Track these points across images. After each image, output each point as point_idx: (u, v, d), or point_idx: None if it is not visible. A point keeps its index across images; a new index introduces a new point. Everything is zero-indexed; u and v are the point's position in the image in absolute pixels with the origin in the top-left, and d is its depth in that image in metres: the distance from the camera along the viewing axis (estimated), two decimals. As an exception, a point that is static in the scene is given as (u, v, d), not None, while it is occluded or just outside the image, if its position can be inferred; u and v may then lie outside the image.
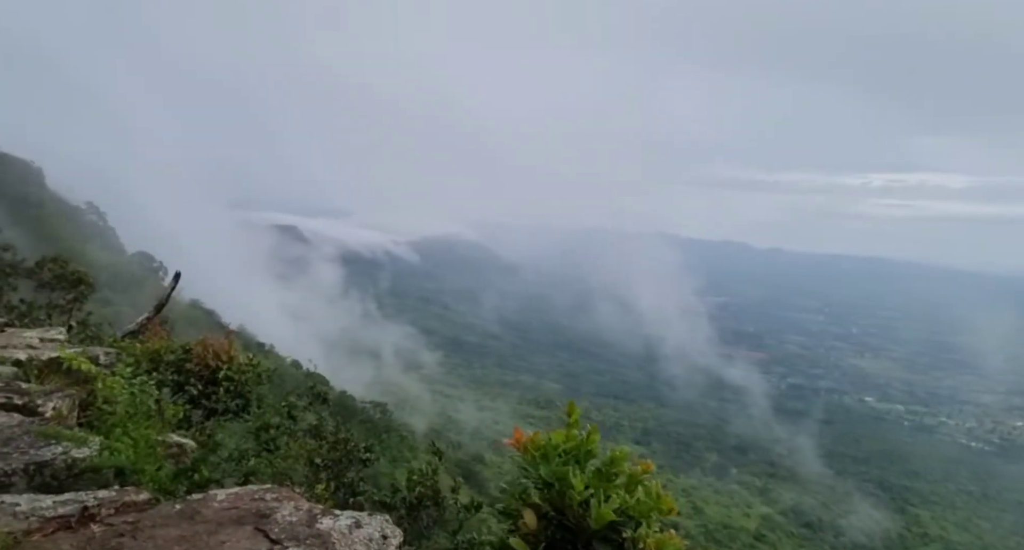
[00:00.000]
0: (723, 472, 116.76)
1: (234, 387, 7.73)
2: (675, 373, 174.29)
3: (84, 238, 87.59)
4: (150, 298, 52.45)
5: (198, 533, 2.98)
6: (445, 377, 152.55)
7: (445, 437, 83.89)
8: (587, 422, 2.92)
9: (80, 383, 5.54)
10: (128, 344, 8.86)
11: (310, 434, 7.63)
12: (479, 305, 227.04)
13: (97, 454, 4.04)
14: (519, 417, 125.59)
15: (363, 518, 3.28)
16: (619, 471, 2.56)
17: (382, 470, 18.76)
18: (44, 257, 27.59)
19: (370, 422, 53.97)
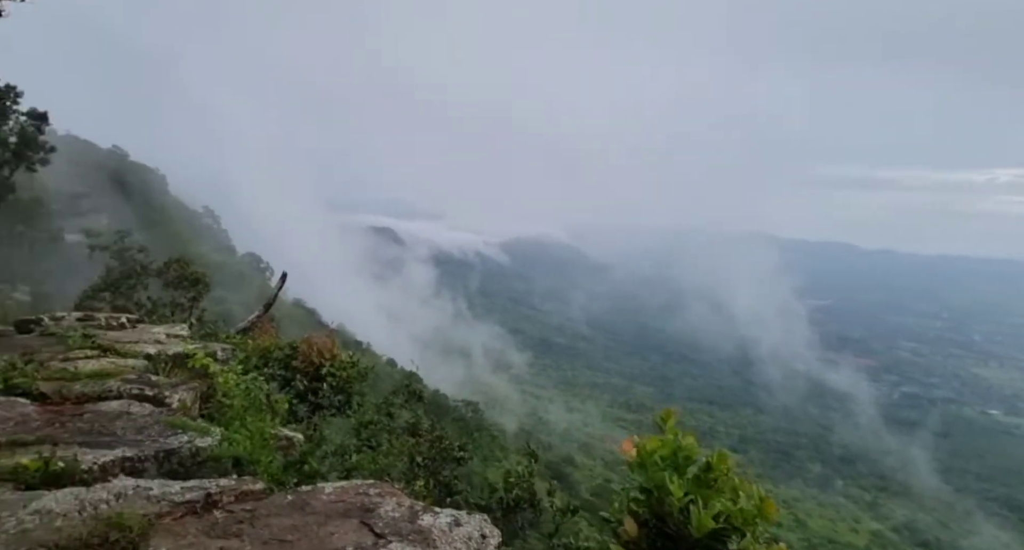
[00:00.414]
0: (828, 484, 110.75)
1: (336, 384, 8.08)
2: (773, 378, 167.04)
3: (201, 240, 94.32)
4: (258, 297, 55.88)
5: (308, 524, 3.13)
6: (534, 378, 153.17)
7: (535, 438, 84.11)
8: (681, 428, 2.85)
9: (201, 377, 5.96)
10: (241, 341, 9.45)
11: (407, 431, 7.86)
12: (569, 306, 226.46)
13: (218, 444, 4.32)
14: (609, 420, 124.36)
15: (462, 517, 3.34)
16: (718, 477, 2.48)
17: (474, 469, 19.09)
18: (170, 258, 29.85)
19: (462, 420, 54.96)
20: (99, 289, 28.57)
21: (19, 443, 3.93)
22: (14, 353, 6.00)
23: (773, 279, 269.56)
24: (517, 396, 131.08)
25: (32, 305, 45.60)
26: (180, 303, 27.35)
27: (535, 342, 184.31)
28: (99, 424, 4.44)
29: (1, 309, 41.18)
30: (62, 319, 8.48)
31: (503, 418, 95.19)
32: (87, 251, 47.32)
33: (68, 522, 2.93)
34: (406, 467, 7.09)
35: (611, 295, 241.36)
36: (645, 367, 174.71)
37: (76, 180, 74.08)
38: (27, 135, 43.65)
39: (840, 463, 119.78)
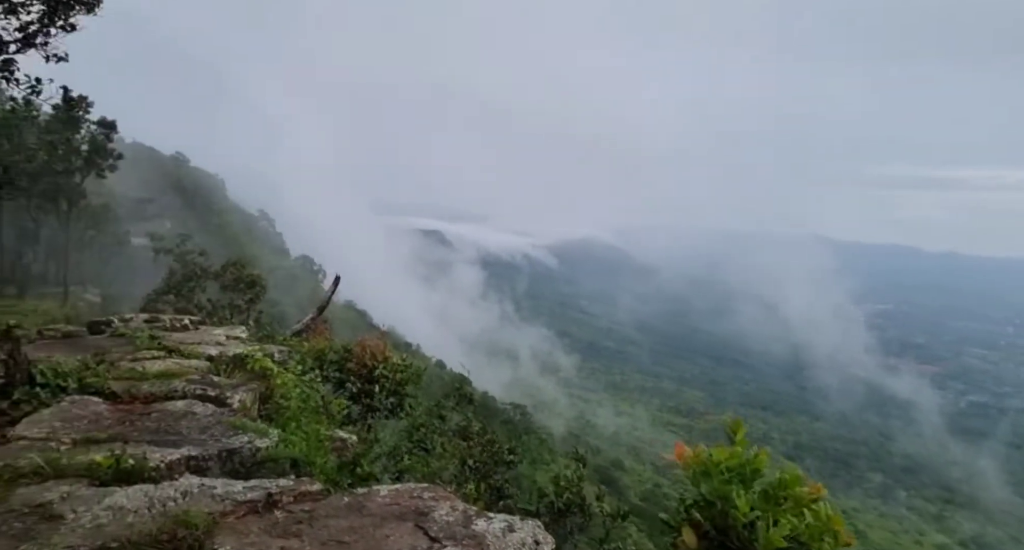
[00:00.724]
0: (889, 494, 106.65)
1: (389, 386, 8.20)
2: (829, 384, 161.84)
3: (257, 243, 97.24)
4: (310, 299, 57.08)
5: (365, 526, 3.18)
6: (582, 381, 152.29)
7: (583, 442, 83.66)
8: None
9: (260, 378, 6.14)
10: (296, 342, 9.69)
11: (458, 434, 7.92)
12: (617, 308, 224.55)
13: (276, 445, 4.44)
14: (659, 425, 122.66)
15: (516, 522, 3.34)
16: (789, 495, 2.41)
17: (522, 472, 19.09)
18: (227, 262, 30.85)
19: (510, 423, 55.09)
20: (162, 291, 29.71)
21: (93, 440, 4.12)
22: (87, 353, 6.30)
23: (828, 282, 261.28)
24: (565, 399, 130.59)
25: (102, 306, 47.83)
26: (238, 305, 28.25)
27: (583, 345, 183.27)
28: (165, 423, 4.62)
29: (74, 310, 43.28)
30: (130, 321, 8.86)
31: (551, 421, 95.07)
32: (151, 254, 49.39)
33: (139, 518, 3.05)
34: (457, 470, 7.15)
35: (660, 298, 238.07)
36: (695, 371, 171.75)
37: (141, 186, 77.35)
38: (97, 143, 45.85)
39: (902, 473, 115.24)
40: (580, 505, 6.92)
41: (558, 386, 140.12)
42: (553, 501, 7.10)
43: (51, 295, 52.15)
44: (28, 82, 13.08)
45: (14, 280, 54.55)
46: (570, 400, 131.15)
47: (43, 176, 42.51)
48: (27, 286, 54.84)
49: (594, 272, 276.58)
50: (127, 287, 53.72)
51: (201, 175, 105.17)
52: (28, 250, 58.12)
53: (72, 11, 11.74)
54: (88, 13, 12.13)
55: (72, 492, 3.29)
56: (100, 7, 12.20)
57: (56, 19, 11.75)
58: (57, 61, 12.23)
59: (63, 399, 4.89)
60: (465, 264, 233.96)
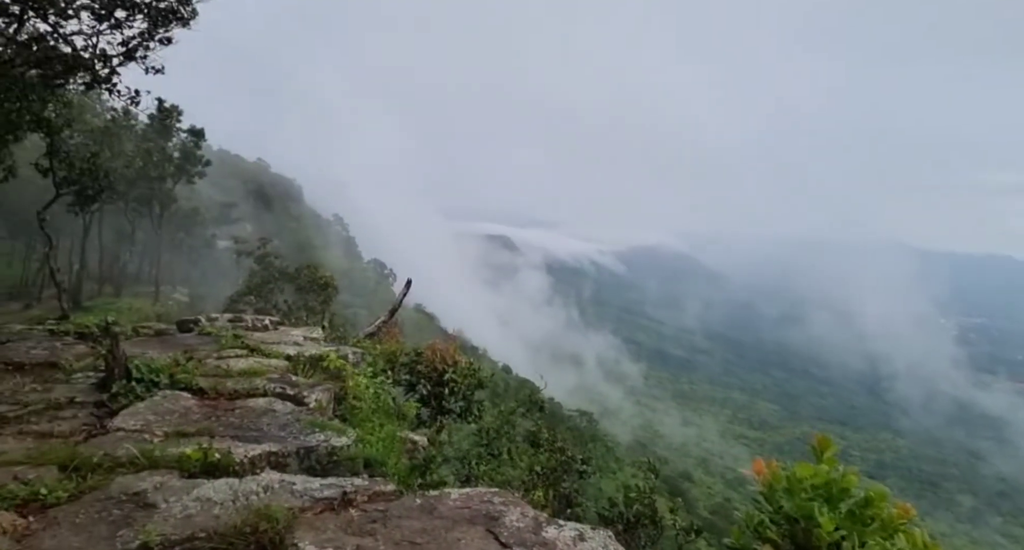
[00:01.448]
0: (982, 519, 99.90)
1: (458, 390, 8.29)
2: (913, 399, 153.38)
3: (331, 246, 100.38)
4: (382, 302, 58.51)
5: (436, 528, 3.22)
6: (649, 389, 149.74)
7: (650, 451, 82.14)
8: (807, 449, 2.67)
9: (335, 378, 6.32)
10: (369, 345, 9.93)
11: (527, 441, 7.91)
12: (685, 316, 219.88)
13: (351, 445, 4.55)
14: (729, 437, 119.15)
15: (587, 531, 3.30)
16: (876, 515, 2.28)
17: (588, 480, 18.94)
18: (301, 264, 32.01)
19: (577, 430, 54.64)
20: (244, 293, 31.01)
21: (182, 434, 4.34)
22: (177, 351, 6.66)
23: (911, 291, 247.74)
24: (631, 407, 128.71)
25: (189, 305, 50.48)
26: (312, 306, 29.22)
27: (650, 353, 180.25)
28: (248, 419, 4.81)
29: (164, 309, 45.88)
30: (216, 320, 9.30)
31: (616, 429, 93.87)
32: (234, 256, 51.76)
33: (224, 510, 3.20)
34: (526, 476, 7.15)
35: (730, 305, 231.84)
36: (768, 382, 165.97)
37: (226, 191, 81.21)
38: (188, 150, 48.52)
39: (997, 497, 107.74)
40: (651, 517, 6.77)
41: (624, 393, 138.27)
42: (623, 511, 6.98)
43: (144, 294, 55.48)
44: (128, 94, 13.96)
45: (112, 279, 58.34)
46: (636, 408, 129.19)
47: (139, 182, 45.29)
48: (123, 285, 58.53)
49: (662, 279, 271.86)
50: (212, 287, 56.53)
51: (280, 180, 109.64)
52: (125, 251, 62.01)
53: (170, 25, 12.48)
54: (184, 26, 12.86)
55: (164, 482, 3.48)
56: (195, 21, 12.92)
57: (155, 33, 12.51)
58: (155, 73, 13.00)
59: (156, 394, 5.18)
60: (531, 269, 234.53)
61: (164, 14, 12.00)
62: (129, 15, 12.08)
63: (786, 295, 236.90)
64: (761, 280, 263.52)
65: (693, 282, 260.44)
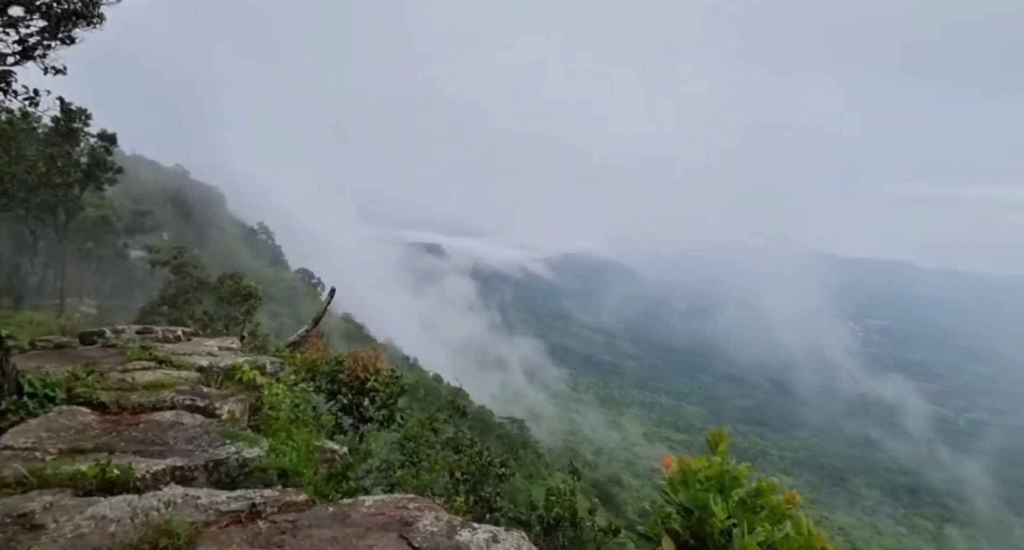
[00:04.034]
0: (887, 512, 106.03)
1: (380, 398, 8.18)
2: (828, 401, 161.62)
3: (256, 256, 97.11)
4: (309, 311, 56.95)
5: (348, 536, 3.17)
6: (579, 394, 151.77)
7: (580, 457, 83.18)
8: (732, 452, 2.80)
9: (250, 389, 6.12)
10: (290, 354, 9.67)
11: (449, 447, 7.89)
12: (614, 322, 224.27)
13: (264, 456, 4.42)
14: (657, 440, 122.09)
15: (500, 533, 3.33)
16: (765, 503, 2.41)
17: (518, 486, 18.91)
18: (223, 274, 30.83)
19: (507, 437, 54.76)
20: (158, 303, 29.65)
21: (79, 450, 4.11)
22: (78, 364, 6.29)
23: (822, 295, 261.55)
24: (561, 413, 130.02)
25: (98, 318, 47.64)
26: (234, 317, 28.19)
27: (579, 358, 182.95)
28: (152, 434, 4.60)
29: (70, 322, 43.14)
30: (122, 332, 8.85)
31: (548, 436, 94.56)
32: (149, 267, 49.27)
33: (121, 528, 3.04)
34: (448, 482, 7.11)
35: (660, 314, 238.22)
36: (694, 386, 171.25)
37: (140, 198, 77.38)
38: (97, 156, 45.88)
39: (901, 491, 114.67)
40: (571, 519, 6.86)
41: (552, 399, 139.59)
42: (543, 514, 7.05)
43: (47, 306, 51.91)
44: (25, 93, 13.10)
45: (10, 291, 54.39)
46: (566, 414, 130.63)
47: (42, 188, 42.44)
48: (23, 297, 54.66)
49: (590, 285, 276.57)
50: (125, 299, 53.63)
51: (200, 187, 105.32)
52: (25, 262, 57.97)
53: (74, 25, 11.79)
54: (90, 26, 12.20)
55: (55, 502, 3.28)
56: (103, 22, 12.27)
57: (57, 32, 11.80)
58: (55, 74, 12.24)
59: (51, 409, 4.88)
60: (461, 277, 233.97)
61: (67, 15, 11.36)
62: (28, 13, 11.38)
63: (719, 306, 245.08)
64: (693, 290, 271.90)
65: (621, 288, 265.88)
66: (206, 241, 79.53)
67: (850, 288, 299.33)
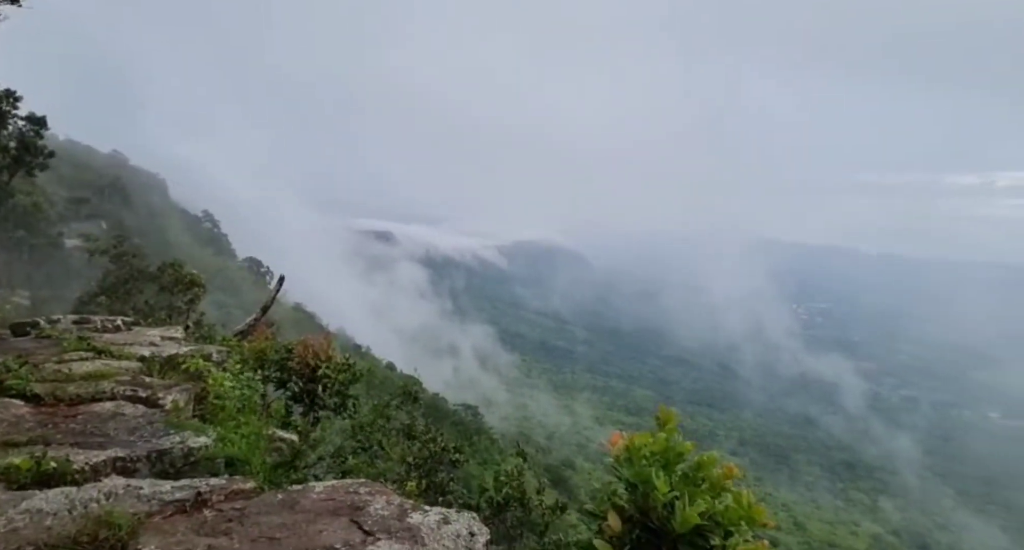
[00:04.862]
0: (827, 487, 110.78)
1: (332, 385, 8.09)
2: (771, 381, 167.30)
3: (201, 244, 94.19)
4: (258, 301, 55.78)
5: (297, 522, 3.15)
6: (532, 380, 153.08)
7: (534, 442, 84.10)
8: (681, 431, 2.88)
9: (195, 379, 5.98)
10: (237, 343, 9.47)
11: (403, 434, 7.87)
12: (566, 308, 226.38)
13: (211, 445, 4.34)
14: (609, 423, 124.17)
15: (451, 515, 3.37)
16: (706, 476, 2.51)
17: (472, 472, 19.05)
18: (164, 262, 29.85)
19: (461, 424, 54.91)
20: (96, 293, 28.55)
21: (11, 444, 3.95)
22: (10, 356, 6.02)
23: (769, 282, 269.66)
24: (514, 399, 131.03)
25: (31, 309, 45.57)
26: (177, 306, 27.35)
27: (532, 344, 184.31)
28: (92, 425, 4.46)
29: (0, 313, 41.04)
30: (58, 322, 8.50)
31: (501, 422, 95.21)
32: (86, 256, 47.31)
33: (58, 521, 2.95)
34: (400, 468, 7.12)
35: (612, 300, 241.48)
36: (644, 370, 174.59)
37: (76, 185, 74.09)
38: (26, 140, 43.57)
39: (840, 467, 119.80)
40: (519, 499, 6.96)
41: (504, 385, 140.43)
42: (492, 496, 7.13)
43: (-25, 298, 49.42)
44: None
45: (-66, 282, 51.52)
46: (518, 399, 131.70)
47: (-35, 173, 40.20)
48: (-52, 289, 51.85)
49: (543, 272, 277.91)
50: (60, 290, 51.36)
51: (140, 174, 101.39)
52: (-50, 251, 54.94)
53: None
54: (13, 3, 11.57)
55: (-13, 496, 3.16)
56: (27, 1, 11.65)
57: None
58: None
59: (-20, 402, 4.67)
60: (413, 265, 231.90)
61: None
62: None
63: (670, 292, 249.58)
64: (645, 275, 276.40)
65: (572, 274, 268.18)
66: (148, 229, 76.70)
67: (794, 272, 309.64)
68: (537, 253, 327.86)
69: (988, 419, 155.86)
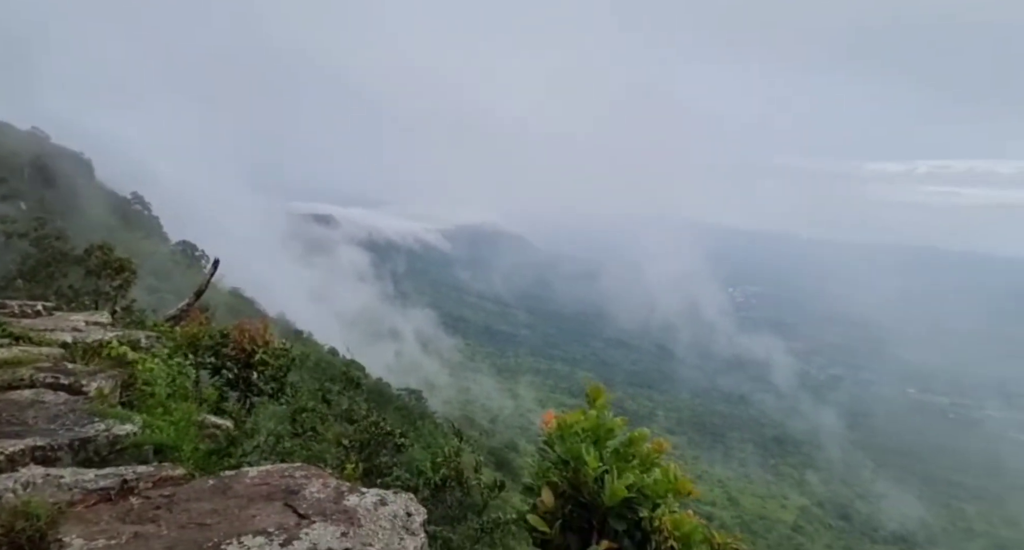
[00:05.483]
0: (759, 462, 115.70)
1: (269, 371, 7.93)
2: (709, 362, 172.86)
3: (131, 227, 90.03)
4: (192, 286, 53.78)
5: (230, 507, 3.09)
6: (475, 364, 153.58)
7: (477, 425, 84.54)
8: (621, 411, 2.96)
9: (122, 364, 5.75)
10: (168, 328, 9.14)
11: (343, 418, 7.79)
12: (508, 293, 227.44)
13: (138, 432, 4.20)
14: (553, 406, 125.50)
15: (388, 496, 3.37)
16: (636, 452, 2.59)
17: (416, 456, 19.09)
18: (91, 245, 28.47)
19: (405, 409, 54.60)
20: (14, 277, 27.06)
21: (-82, 435, 3.73)
22: (-86, 342, 5.66)
23: (706, 265, 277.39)
24: (457, 382, 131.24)
25: (-59, 295, 42.78)
26: (105, 292, 26.17)
27: (475, 328, 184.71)
28: (8, 414, 4.25)
29: (-95, 299, 38.44)
30: (-30, 307, 8.02)
31: (444, 406, 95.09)
32: (2, 239, 44.70)
33: (-30, 513, 2.81)
34: (339, 452, 7.06)
35: (555, 284, 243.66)
36: (587, 352, 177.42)
37: (-11, 163, 69.66)
38: (-69, 113, 40.61)
39: (772, 443, 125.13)
40: (457, 479, 7.02)
41: (445, 369, 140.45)
42: (430, 477, 7.17)
43: None
44: None
45: None
46: (461, 383, 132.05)
47: None
48: None
49: (487, 256, 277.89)
50: (-28, 274, 48.36)
51: (63, 153, 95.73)
52: None
53: None
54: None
55: None
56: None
57: None
58: None
59: None
60: (355, 249, 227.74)
61: None
62: None
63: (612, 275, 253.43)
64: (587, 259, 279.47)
65: (515, 258, 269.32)
66: (72, 211, 72.72)
67: (731, 256, 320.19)
68: (480, 236, 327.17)
69: (906, 394, 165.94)
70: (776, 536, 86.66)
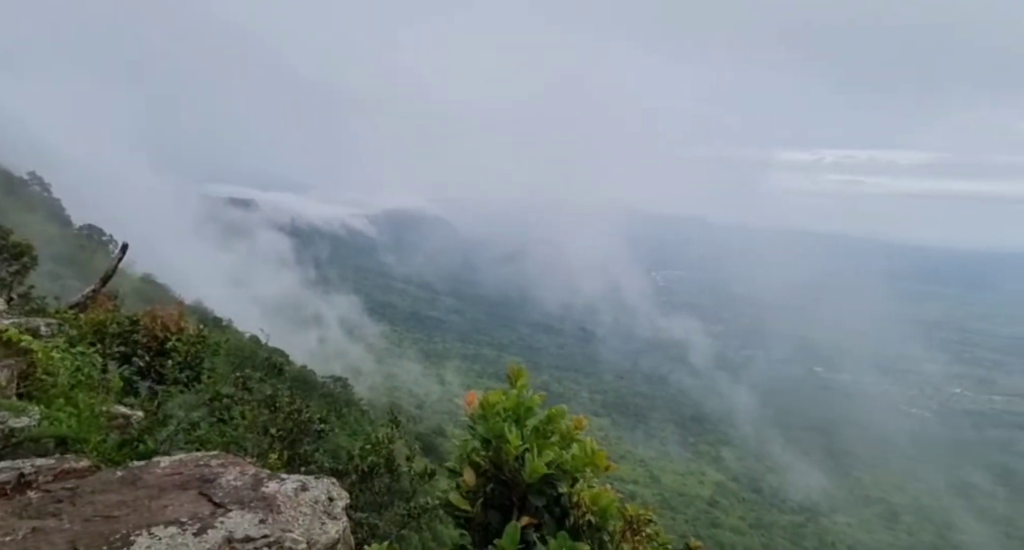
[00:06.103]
0: (679, 441, 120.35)
1: (183, 358, 7.60)
2: (632, 346, 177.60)
3: (28, 209, 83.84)
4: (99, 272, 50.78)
5: (139, 498, 2.97)
6: (401, 350, 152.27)
7: (404, 410, 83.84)
8: (547, 393, 3.00)
9: (19, 354, 5.38)
10: (71, 316, 8.61)
11: (265, 405, 7.57)
12: (435, 278, 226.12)
13: (37, 424, 3.95)
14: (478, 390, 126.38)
15: (309, 481, 3.31)
16: (556, 429, 2.65)
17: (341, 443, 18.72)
18: (-18, 228, 26.40)
19: (331, 396, 53.58)
20: None
21: None
22: None
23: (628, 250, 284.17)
24: (383, 369, 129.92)
25: None
26: (1, 278, 24.36)
27: (402, 314, 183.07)
28: None
29: None
30: None
31: (370, 392, 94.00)
32: None
33: None
34: (261, 440, 6.87)
35: (482, 269, 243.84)
36: (514, 337, 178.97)
37: None
38: None
39: (691, 423, 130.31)
40: (387, 466, 6.97)
41: (371, 355, 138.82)
42: (359, 463, 7.09)
43: None
44: None
45: None
46: (387, 369, 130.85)
47: None
48: None
49: (414, 241, 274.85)
50: None
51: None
52: None
53: None
54: None
55: None
56: None
57: None
58: None
59: None
60: (276, 233, 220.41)
61: None
62: None
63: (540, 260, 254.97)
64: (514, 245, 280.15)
65: (441, 243, 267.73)
66: (-41, 191, 67.18)
67: (653, 241, 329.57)
68: (406, 221, 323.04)
69: (813, 373, 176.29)
70: (694, 511, 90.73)
